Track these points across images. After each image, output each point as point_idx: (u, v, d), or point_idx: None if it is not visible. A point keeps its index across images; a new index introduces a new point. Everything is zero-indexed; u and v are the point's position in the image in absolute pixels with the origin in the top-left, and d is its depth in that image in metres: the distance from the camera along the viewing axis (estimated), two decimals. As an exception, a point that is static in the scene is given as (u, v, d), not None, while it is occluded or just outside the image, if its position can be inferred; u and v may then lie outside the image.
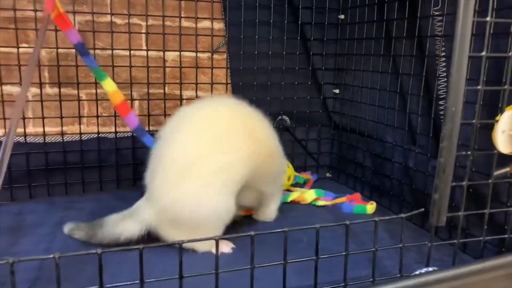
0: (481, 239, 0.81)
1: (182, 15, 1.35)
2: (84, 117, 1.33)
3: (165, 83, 1.37)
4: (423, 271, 0.64)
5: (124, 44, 1.30)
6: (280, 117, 1.51)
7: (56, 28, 1.22)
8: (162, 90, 1.38)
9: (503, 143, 0.74)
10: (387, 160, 1.26)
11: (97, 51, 1.28)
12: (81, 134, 1.30)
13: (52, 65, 1.26)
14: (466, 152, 0.74)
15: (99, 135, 1.32)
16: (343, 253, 0.63)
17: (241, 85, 1.44)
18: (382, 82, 1.28)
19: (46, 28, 0.86)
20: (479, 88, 0.72)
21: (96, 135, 1.32)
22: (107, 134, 1.33)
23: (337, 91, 1.52)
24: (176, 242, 0.56)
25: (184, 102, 1.41)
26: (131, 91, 1.34)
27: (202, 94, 1.43)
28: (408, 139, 1.19)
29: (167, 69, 1.38)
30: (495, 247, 0.88)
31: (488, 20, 0.70)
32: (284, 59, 1.44)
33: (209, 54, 1.42)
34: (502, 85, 0.75)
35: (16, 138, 1.23)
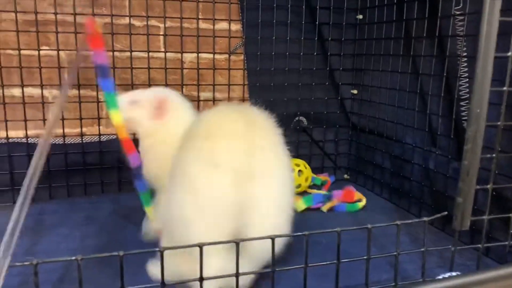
0: (506, 243, 0.79)
1: (200, 17, 1.36)
2: (103, 118, 1.34)
3: (183, 85, 1.38)
4: (447, 275, 0.63)
5: (143, 46, 1.31)
6: (297, 118, 1.50)
7: (76, 30, 1.24)
8: (180, 92, 1.38)
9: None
10: (407, 162, 1.25)
11: (115, 53, 1.29)
12: (100, 135, 1.32)
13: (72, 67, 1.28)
14: (490, 155, 0.72)
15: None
16: (365, 257, 0.62)
17: (258, 86, 1.44)
18: (402, 83, 1.26)
19: (89, 41, 0.87)
20: (505, 89, 0.71)
21: (114, 136, 1.33)
22: (126, 135, 1.34)
23: (355, 91, 1.50)
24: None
25: (201, 103, 1.41)
26: (149, 92, 1.34)
27: (219, 95, 1.43)
28: (428, 140, 1.18)
29: (184, 71, 1.38)
30: (519, 251, 0.86)
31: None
32: (301, 59, 1.44)
33: (226, 56, 1.42)
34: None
35: (35, 140, 1.25)
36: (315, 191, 1.36)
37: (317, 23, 1.43)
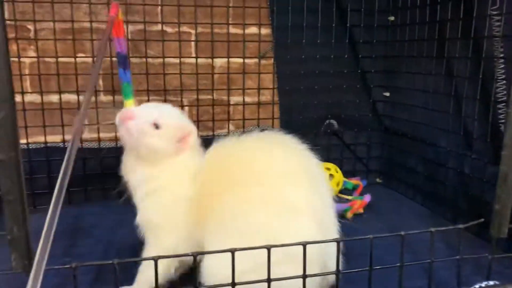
0: (546, 251, 0.76)
1: (230, 22, 1.37)
2: (136, 123, 1.37)
3: (214, 89, 1.39)
4: (483, 284, 0.61)
5: (175, 52, 1.34)
6: (327, 121, 1.49)
7: (110, 37, 1.27)
8: (211, 96, 1.40)
9: None
10: (441, 166, 1.22)
11: (148, 60, 1.32)
12: (133, 139, 1.34)
13: (106, 73, 1.31)
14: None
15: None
16: (398, 265, 0.61)
17: (288, 90, 1.44)
18: (435, 85, 1.23)
19: (111, 31, 0.87)
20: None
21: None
22: (158, 139, 1.37)
23: (387, 94, 1.48)
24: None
25: (231, 107, 1.42)
26: (181, 97, 1.36)
27: (249, 99, 1.43)
28: (463, 144, 1.15)
29: (215, 75, 1.40)
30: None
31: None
32: (331, 62, 1.43)
33: (256, 60, 1.43)
34: None
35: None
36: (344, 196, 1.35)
37: (348, 25, 1.42)
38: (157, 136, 0.81)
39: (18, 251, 0.48)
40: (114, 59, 1.29)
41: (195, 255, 0.58)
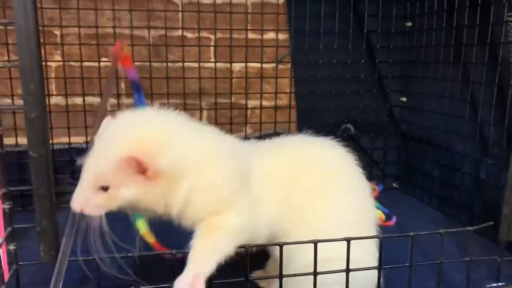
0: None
1: (249, 28, 1.40)
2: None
3: (232, 93, 1.43)
4: (493, 285, 0.62)
5: (194, 57, 1.37)
6: (344, 126, 1.50)
7: (133, 42, 1.32)
8: (229, 100, 1.43)
9: None
10: (457, 171, 1.22)
11: (169, 64, 1.36)
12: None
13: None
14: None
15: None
16: (407, 265, 0.63)
17: (305, 94, 1.46)
18: (452, 90, 1.24)
19: (116, 68, 0.92)
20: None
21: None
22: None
23: (404, 99, 1.49)
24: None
25: (249, 111, 1.45)
26: (200, 101, 1.40)
27: (266, 103, 1.46)
28: (480, 149, 1.15)
29: (233, 80, 1.43)
30: None
31: None
32: (348, 67, 1.44)
33: (274, 64, 1.45)
34: None
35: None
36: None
37: (365, 30, 1.44)
38: (120, 198, 0.62)
39: (46, 242, 0.51)
40: (136, 63, 1.34)
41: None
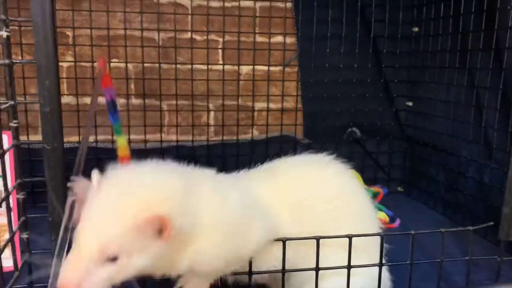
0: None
1: (256, 31, 1.42)
2: (165, 126, 1.43)
3: (239, 95, 1.45)
4: (491, 285, 0.63)
5: (203, 59, 1.39)
6: (350, 129, 1.52)
7: (143, 44, 1.34)
8: (236, 102, 1.45)
9: None
10: (462, 175, 1.23)
11: (178, 66, 1.38)
12: (161, 141, 1.40)
13: (138, 78, 1.38)
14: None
15: (178, 143, 1.42)
16: (408, 262, 0.64)
17: (311, 97, 1.47)
18: (457, 95, 1.25)
19: (101, 81, 0.95)
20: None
21: (175, 143, 1.41)
22: (185, 142, 1.43)
23: (410, 103, 1.50)
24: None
25: (255, 113, 1.47)
26: (208, 102, 1.42)
27: (273, 106, 1.48)
28: (484, 153, 1.16)
29: (241, 82, 1.45)
30: None
31: None
32: (355, 71, 1.46)
33: (281, 68, 1.47)
34: None
35: (105, 145, 1.36)
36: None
37: (371, 35, 1.45)
38: (132, 268, 0.53)
39: (57, 232, 0.53)
40: (146, 64, 1.37)
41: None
